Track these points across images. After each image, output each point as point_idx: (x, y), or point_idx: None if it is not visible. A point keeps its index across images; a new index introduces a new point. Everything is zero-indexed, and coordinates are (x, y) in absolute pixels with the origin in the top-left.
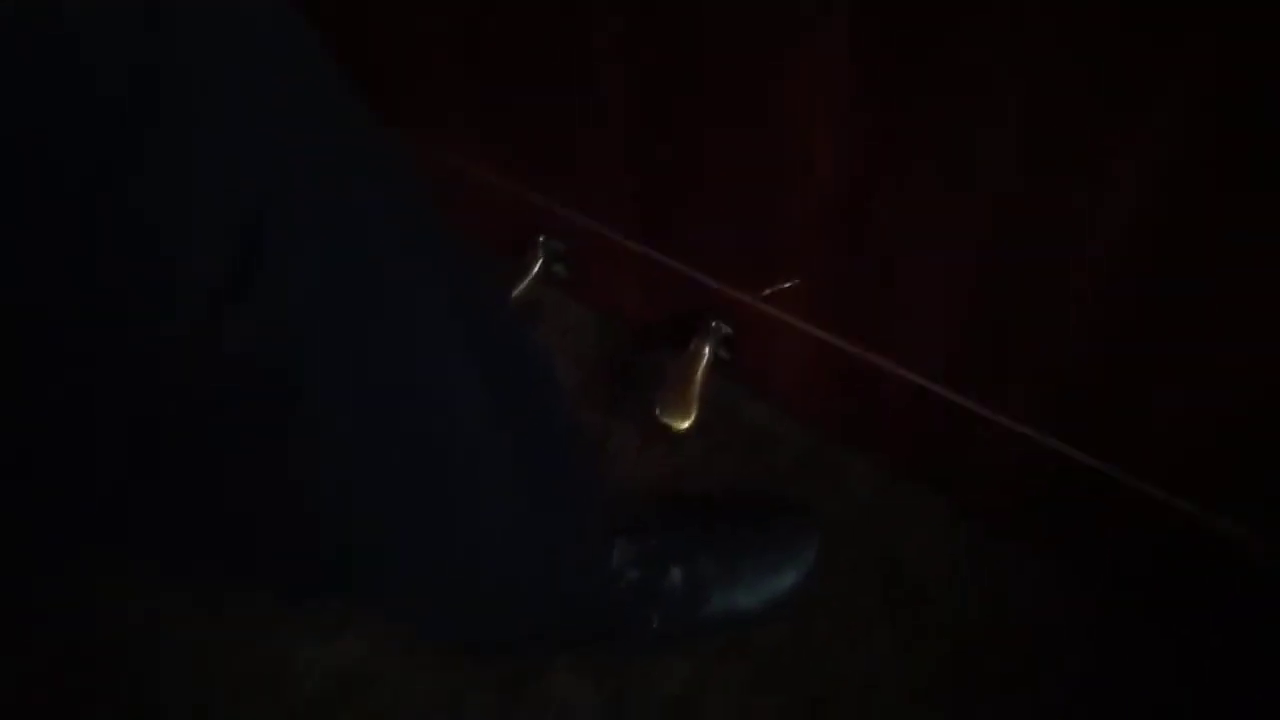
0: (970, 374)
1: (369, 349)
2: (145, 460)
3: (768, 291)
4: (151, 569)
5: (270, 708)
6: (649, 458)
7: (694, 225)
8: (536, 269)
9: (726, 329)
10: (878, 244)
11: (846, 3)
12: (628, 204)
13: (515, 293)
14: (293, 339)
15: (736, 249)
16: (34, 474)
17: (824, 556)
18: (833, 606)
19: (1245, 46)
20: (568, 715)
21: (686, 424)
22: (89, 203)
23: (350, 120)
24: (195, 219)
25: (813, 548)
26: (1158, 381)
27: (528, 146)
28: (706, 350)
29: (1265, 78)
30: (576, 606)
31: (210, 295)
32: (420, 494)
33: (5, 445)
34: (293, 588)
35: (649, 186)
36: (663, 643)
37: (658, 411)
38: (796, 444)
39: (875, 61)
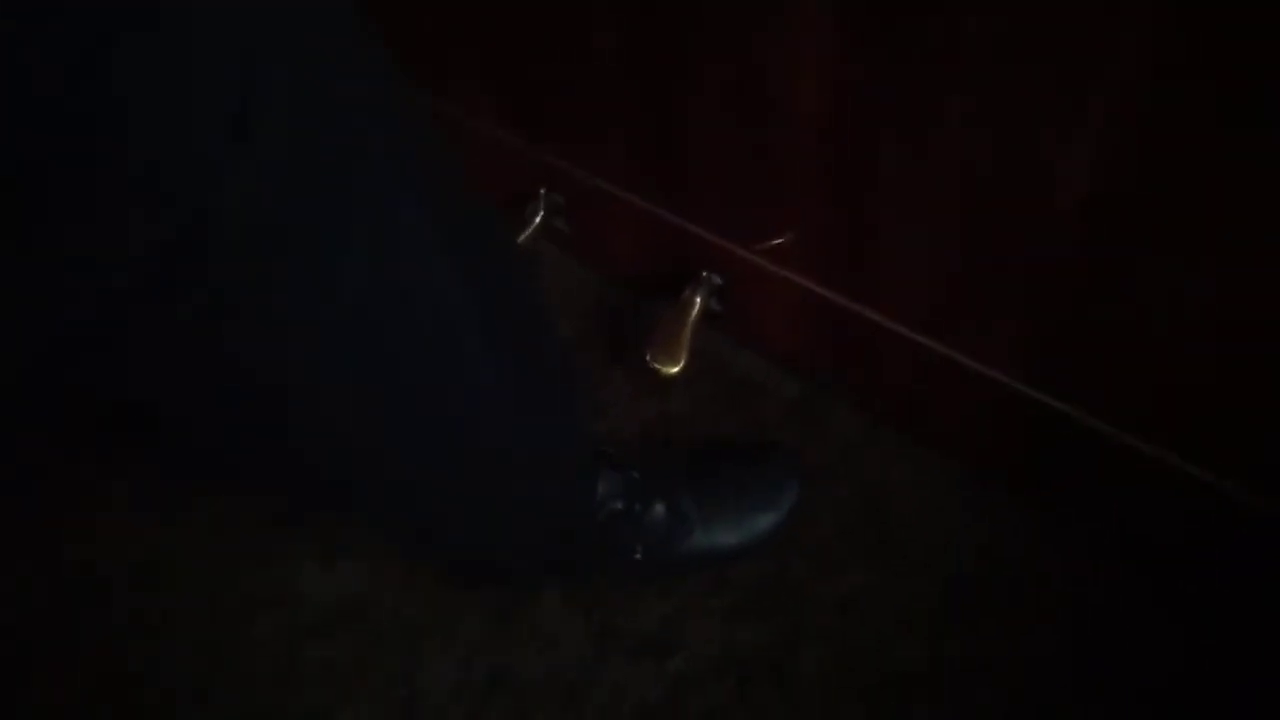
0: (954, 323)
1: (346, 235)
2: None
3: (759, 247)
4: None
5: (273, 628)
6: (640, 406)
7: (689, 179)
8: (538, 221)
9: (718, 280)
10: (864, 197)
11: None
12: (624, 157)
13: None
14: (272, 202)
15: (729, 203)
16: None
17: (807, 499)
18: (813, 547)
19: None
20: (555, 642)
21: (676, 369)
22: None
23: (352, 32)
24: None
25: (795, 489)
26: (1134, 331)
27: (529, 100)
28: (698, 300)
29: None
30: (561, 530)
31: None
32: (400, 401)
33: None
34: (272, 490)
35: (645, 140)
36: (645, 575)
37: (648, 357)
38: (785, 394)
39: (858, 13)
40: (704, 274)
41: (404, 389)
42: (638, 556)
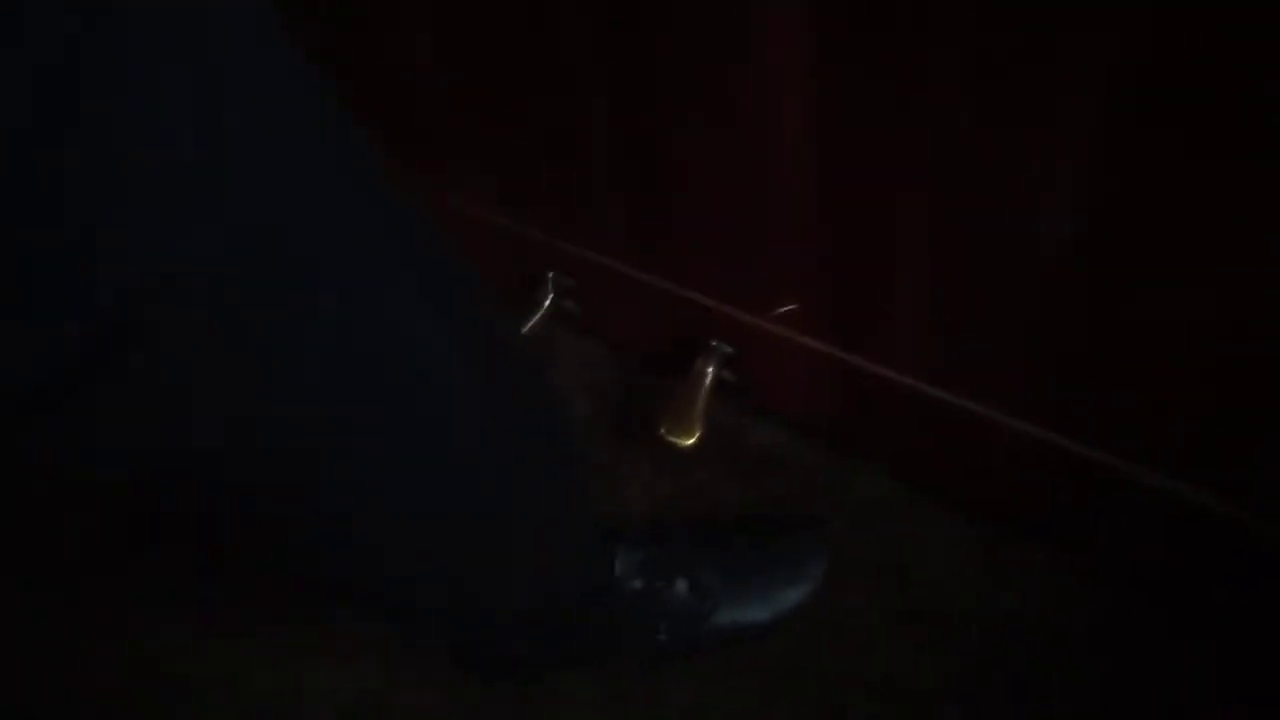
0: (967, 373)
1: (321, 292)
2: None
3: (770, 315)
4: None
5: None
6: (657, 483)
7: (692, 249)
8: (547, 304)
9: (729, 350)
10: (869, 256)
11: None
12: (627, 233)
13: (526, 329)
14: (237, 257)
15: (735, 271)
16: None
17: (833, 570)
18: (843, 619)
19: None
20: None
21: (690, 441)
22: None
23: (318, 96)
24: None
25: (822, 562)
26: (1141, 366)
27: (528, 184)
28: (710, 371)
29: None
30: (578, 614)
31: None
32: (386, 473)
33: None
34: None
35: (646, 213)
36: (670, 656)
37: (662, 431)
38: (805, 462)
39: (838, 66)
40: (714, 343)
41: (390, 460)
42: (662, 637)
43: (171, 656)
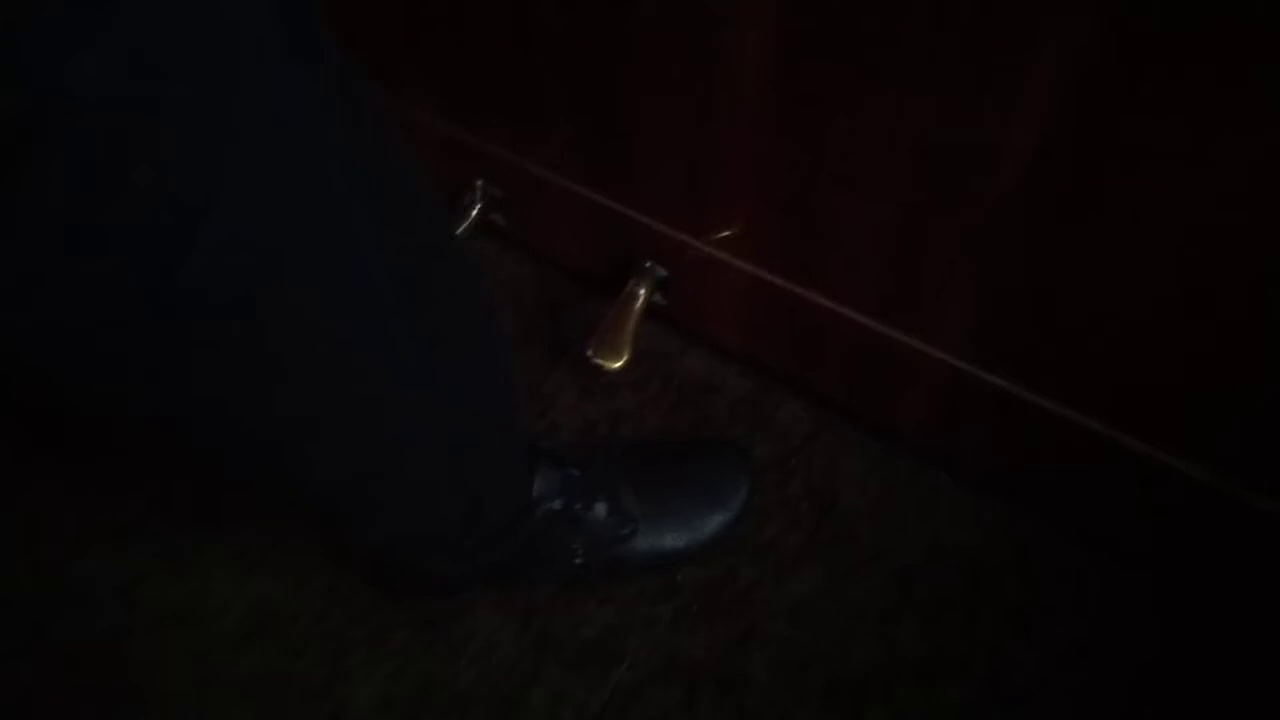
0: (902, 307)
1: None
2: None
3: (708, 239)
4: None
5: (186, 642)
6: (583, 405)
7: (631, 165)
8: (474, 214)
9: (663, 272)
10: (813, 180)
11: None
12: (565, 144)
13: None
14: (139, 78)
15: (674, 190)
16: None
17: (756, 498)
18: (763, 547)
19: None
20: (489, 654)
21: (619, 364)
22: None
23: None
24: None
25: (744, 488)
26: (1085, 309)
27: (466, 88)
28: (641, 292)
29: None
30: (493, 531)
31: None
32: (302, 361)
33: None
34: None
35: (586, 125)
36: (586, 579)
37: (590, 353)
38: (733, 390)
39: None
40: (647, 264)
41: (307, 344)
42: (578, 560)
43: (70, 561)
